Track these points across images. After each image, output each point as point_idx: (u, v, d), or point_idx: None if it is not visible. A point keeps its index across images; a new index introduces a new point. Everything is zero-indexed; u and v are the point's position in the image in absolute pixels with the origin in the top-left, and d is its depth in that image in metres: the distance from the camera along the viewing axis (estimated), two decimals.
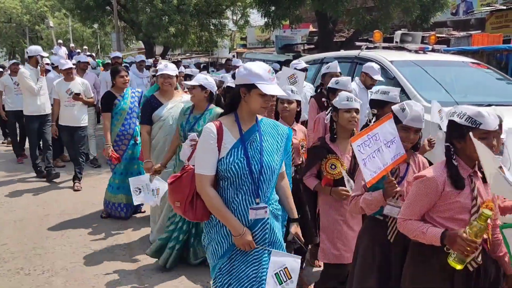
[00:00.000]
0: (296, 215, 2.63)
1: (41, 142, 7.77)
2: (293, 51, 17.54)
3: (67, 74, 6.75)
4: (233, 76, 7.06)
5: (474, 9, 16.38)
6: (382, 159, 2.53)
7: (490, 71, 6.22)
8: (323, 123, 4.18)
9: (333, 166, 3.30)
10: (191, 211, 2.46)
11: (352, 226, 3.36)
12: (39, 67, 7.05)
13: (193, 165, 2.52)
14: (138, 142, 5.34)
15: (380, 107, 3.57)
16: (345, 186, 3.24)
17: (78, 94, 6.62)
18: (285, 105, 3.73)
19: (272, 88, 2.31)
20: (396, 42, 6.52)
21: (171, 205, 2.64)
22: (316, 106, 4.97)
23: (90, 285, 3.95)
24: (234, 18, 21.05)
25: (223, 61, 23.69)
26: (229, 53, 27.55)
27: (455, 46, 12.25)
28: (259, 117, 2.51)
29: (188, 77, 7.20)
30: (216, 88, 4.23)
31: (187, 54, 28.22)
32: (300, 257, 2.53)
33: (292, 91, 3.76)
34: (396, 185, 2.56)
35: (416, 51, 6.20)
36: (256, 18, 22.81)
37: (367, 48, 6.37)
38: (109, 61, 10.38)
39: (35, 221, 5.45)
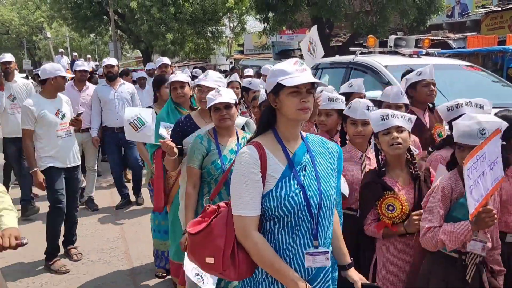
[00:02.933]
0: (349, 260, 2.06)
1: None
2: (290, 57, 17.60)
3: None
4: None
5: (469, 11, 16.47)
6: (485, 184, 2.11)
7: (485, 74, 6.25)
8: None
9: (390, 207, 2.52)
10: (233, 268, 1.81)
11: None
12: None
13: (216, 204, 1.98)
14: None
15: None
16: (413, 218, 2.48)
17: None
18: (360, 128, 2.88)
19: (300, 79, 1.77)
20: (390, 46, 6.55)
21: (194, 262, 1.99)
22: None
23: None
24: (231, 25, 21.17)
25: (221, 68, 23.75)
26: (226, 60, 27.67)
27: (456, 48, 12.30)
28: (303, 133, 1.98)
29: (245, 91, 5.57)
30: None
31: (185, 62, 28.30)
32: None
33: (368, 108, 2.91)
34: (496, 216, 2.15)
35: (410, 55, 6.23)
36: (253, 24, 22.91)
37: (362, 53, 6.40)
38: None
39: (33, 232, 5.44)
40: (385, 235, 2.58)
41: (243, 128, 3.22)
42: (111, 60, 6.40)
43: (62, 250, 4.71)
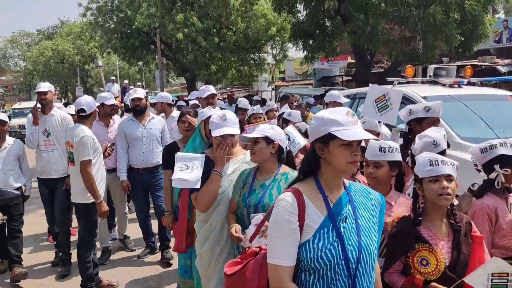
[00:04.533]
0: None
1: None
2: (331, 83, 17.56)
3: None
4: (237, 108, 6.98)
5: None
6: None
7: None
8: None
9: (424, 262, 2.23)
10: None
11: None
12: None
13: (256, 247, 2.01)
14: None
15: None
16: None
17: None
18: (371, 170, 2.72)
19: (355, 132, 1.73)
20: (430, 76, 6.36)
21: None
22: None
23: None
24: (273, 52, 21.48)
25: (262, 94, 23.95)
26: (268, 86, 27.97)
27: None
28: (346, 181, 1.90)
29: (285, 123, 5.06)
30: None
31: (228, 88, 28.89)
32: None
33: (381, 149, 2.70)
34: None
35: (451, 85, 6.03)
36: (295, 51, 23.18)
37: (400, 83, 6.26)
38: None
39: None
40: None
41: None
42: (139, 92, 5.45)
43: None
